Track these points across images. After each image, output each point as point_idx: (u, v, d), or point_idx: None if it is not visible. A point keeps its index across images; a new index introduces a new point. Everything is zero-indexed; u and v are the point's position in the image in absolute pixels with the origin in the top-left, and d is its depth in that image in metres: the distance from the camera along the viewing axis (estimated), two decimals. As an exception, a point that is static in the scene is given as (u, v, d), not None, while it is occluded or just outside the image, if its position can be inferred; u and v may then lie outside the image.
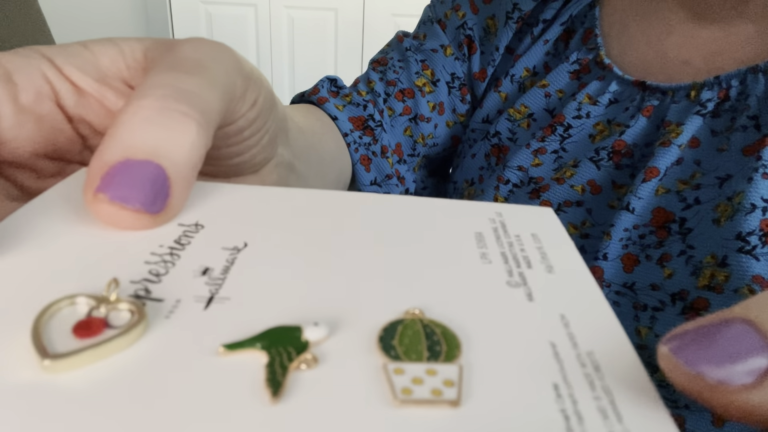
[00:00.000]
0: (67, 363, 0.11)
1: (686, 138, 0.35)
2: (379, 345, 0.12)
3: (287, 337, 0.12)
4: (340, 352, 0.12)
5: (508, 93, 0.46)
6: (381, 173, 0.46)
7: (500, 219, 0.18)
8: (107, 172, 0.14)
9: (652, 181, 0.35)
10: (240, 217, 0.16)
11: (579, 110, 0.40)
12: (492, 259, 0.15)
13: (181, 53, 0.17)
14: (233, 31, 2.37)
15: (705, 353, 0.11)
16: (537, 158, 0.41)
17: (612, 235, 0.35)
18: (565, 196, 0.39)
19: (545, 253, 0.16)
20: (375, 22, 2.35)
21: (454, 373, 0.11)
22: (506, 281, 0.14)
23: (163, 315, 0.12)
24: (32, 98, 0.18)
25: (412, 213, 0.17)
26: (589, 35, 0.42)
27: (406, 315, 0.13)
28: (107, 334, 0.11)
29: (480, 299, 0.14)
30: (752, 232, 0.30)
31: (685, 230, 0.33)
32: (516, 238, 0.16)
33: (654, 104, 0.37)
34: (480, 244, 0.16)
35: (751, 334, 0.11)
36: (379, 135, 0.45)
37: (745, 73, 0.34)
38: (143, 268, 0.14)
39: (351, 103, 0.45)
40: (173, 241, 0.15)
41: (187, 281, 0.13)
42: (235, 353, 0.11)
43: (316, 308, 0.13)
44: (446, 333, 0.12)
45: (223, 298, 0.13)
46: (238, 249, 0.15)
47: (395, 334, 0.12)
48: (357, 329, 0.12)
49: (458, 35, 0.47)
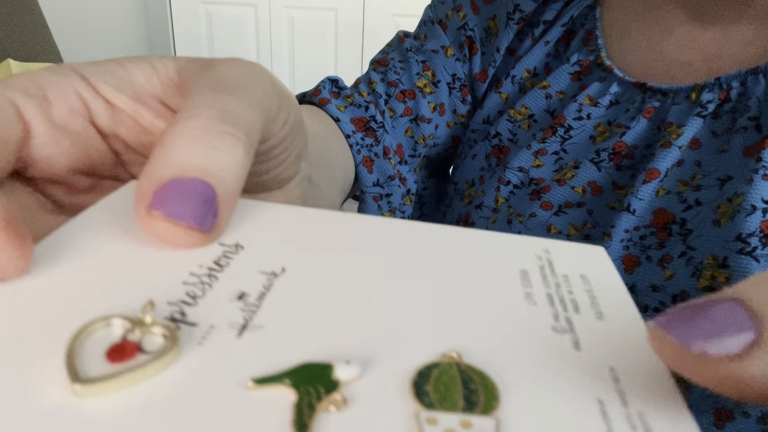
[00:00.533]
0: (98, 388, 0.11)
1: (687, 139, 0.35)
2: (413, 390, 0.11)
3: (318, 374, 0.11)
4: (371, 395, 0.11)
5: (508, 94, 0.46)
6: (383, 174, 0.46)
7: (548, 256, 0.17)
8: (159, 189, 0.15)
9: (652, 183, 0.35)
10: (280, 240, 0.16)
11: (580, 111, 0.41)
12: (537, 300, 0.14)
13: (220, 73, 0.18)
14: (233, 31, 2.37)
15: (692, 327, 0.11)
16: (538, 159, 0.41)
17: (613, 236, 0.35)
18: (566, 197, 0.39)
19: (594, 296, 0.15)
20: (375, 22, 2.35)
21: (490, 427, 0.11)
22: (551, 326, 0.13)
23: (196, 341, 0.12)
24: (66, 115, 0.18)
25: (455, 244, 0.17)
26: (590, 36, 0.43)
27: (443, 358, 0.12)
28: (139, 360, 0.11)
29: (522, 345, 0.13)
30: (752, 233, 0.30)
31: (686, 231, 0.33)
32: (564, 278, 0.15)
33: (655, 106, 0.37)
34: (525, 283, 0.15)
35: (738, 310, 0.11)
36: (381, 136, 0.45)
37: (745, 75, 0.34)
38: (181, 289, 0.14)
39: (353, 104, 0.45)
40: (213, 262, 0.15)
41: (223, 305, 0.13)
42: (264, 388, 0.11)
43: (350, 344, 0.12)
44: (485, 381, 0.12)
45: (257, 326, 0.13)
46: (276, 274, 0.15)
47: (430, 378, 0.11)
48: (390, 370, 0.12)
49: (459, 36, 0.47)
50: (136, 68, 0.19)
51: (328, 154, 0.37)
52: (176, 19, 2.33)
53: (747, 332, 0.11)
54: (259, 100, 0.18)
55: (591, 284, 0.15)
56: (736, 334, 0.11)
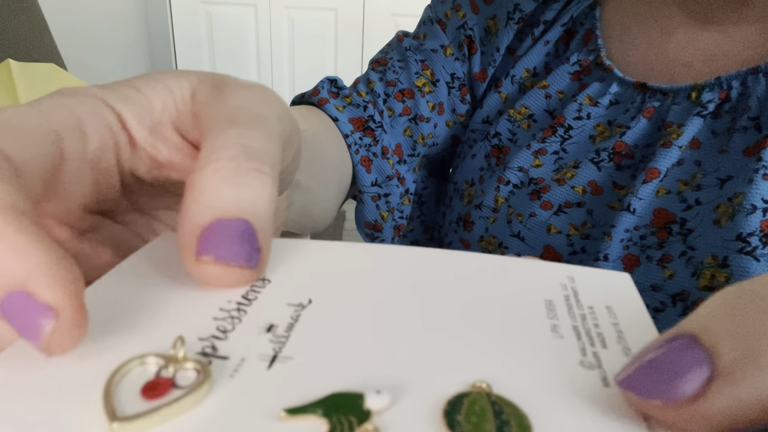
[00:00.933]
0: (135, 425, 0.11)
1: (687, 139, 0.35)
2: (444, 420, 0.11)
3: (349, 404, 0.11)
4: (403, 425, 0.11)
5: (508, 94, 0.46)
6: (382, 174, 0.46)
7: (572, 285, 0.16)
8: (203, 234, 0.15)
9: (652, 182, 0.35)
10: (306, 273, 0.17)
11: (579, 111, 0.41)
12: (563, 333, 0.14)
13: (235, 103, 0.18)
14: (233, 31, 2.37)
15: (648, 378, 0.11)
16: (537, 159, 0.41)
17: (613, 236, 0.35)
18: (566, 197, 0.39)
19: (621, 331, 0.15)
20: (375, 22, 2.35)
21: None
22: (579, 361, 0.13)
23: (227, 374, 0.12)
24: (98, 151, 0.18)
25: (480, 272, 0.17)
26: (590, 36, 0.43)
27: (473, 388, 0.12)
28: (174, 395, 0.12)
29: (551, 378, 0.13)
30: (753, 233, 0.30)
31: (686, 231, 0.33)
32: (589, 310, 0.15)
33: (655, 105, 0.37)
34: (551, 314, 0.15)
35: (692, 346, 0.11)
36: (379, 136, 0.45)
37: (745, 75, 0.34)
38: (212, 324, 0.14)
39: (351, 104, 0.45)
40: (241, 296, 0.15)
41: (252, 338, 0.14)
42: (296, 418, 0.11)
43: (380, 373, 0.12)
44: (517, 413, 0.11)
45: (286, 357, 0.13)
46: (303, 306, 0.15)
47: (461, 408, 0.11)
48: (421, 399, 0.12)
49: (458, 35, 0.47)
50: (153, 94, 0.19)
51: (322, 157, 0.37)
52: (176, 19, 2.33)
53: (703, 369, 0.11)
54: (276, 129, 0.18)
55: (617, 317, 0.15)
56: (691, 374, 0.11)
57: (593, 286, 0.16)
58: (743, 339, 0.11)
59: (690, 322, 0.11)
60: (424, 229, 0.54)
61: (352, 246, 0.18)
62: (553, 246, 0.38)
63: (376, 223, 0.47)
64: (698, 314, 0.12)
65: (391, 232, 0.49)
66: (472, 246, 0.43)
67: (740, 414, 0.10)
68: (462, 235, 0.44)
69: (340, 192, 0.42)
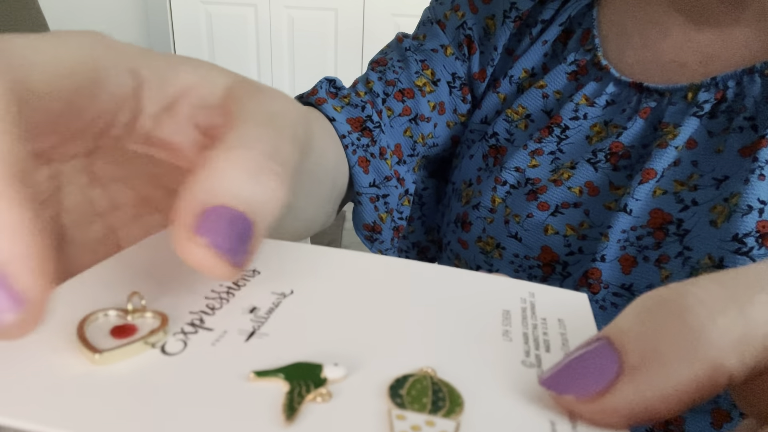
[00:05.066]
0: (114, 355, 0.13)
1: (683, 139, 0.35)
2: (389, 393, 0.13)
3: (309, 372, 0.13)
4: (353, 393, 0.13)
5: (506, 94, 0.46)
6: (380, 175, 0.46)
7: (531, 300, 0.18)
8: (206, 214, 0.14)
9: (649, 183, 0.35)
10: (292, 269, 0.18)
11: (576, 111, 0.41)
12: (513, 337, 0.16)
13: (272, 106, 0.18)
14: (233, 31, 2.37)
15: (564, 376, 0.13)
16: (534, 159, 0.41)
17: (610, 236, 0.35)
18: (563, 197, 0.39)
19: (567, 339, 0.16)
20: (375, 22, 2.35)
21: (450, 427, 0.12)
22: (521, 360, 0.15)
23: (210, 342, 0.14)
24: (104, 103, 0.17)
25: (449, 283, 0.18)
26: (587, 36, 0.43)
27: (420, 371, 0.14)
28: (140, 334, 0.14)
29: (492, 371, 0.14)
30: (749, 233, 0.30)
31: (683, 231, 0.33)
32: (542, 321, 0.17)
33: (651, 106, 0.37)
34: (506, 322, 0.17)
35: (606, 347, 0.12)
36: (377, 136, 0.45)
37: (741, 75, 0.34)
38: (202, 301, 0.16)
39: (349, 104, 0.45)
40: (232, 282, 0.17)
41: (236, 316, 0.16)
42: (262, 380, 0.13)
43: (341, 353, 0.14)
44: (452, 392, 0.13)
45: (263, 334, 0.15)
46: (285, 295, 0.17)
47: (405, 385, 0.13)
48: (372, 376, 0.14)
49: (458, 35, 0.47)
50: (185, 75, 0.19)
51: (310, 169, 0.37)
52: (176, 19, 2.33)
53: (612, 367, 0.12)
54: (299, 138, 0.18)
55: (566, 328, 0.17)
56: (601, 372, 0.12)
57: (551, 301, 0.18)
58: (648, 340, 0.12)
59: (608, 327, 0.13)
60: (425, 230, 0.53)
61: (340, 252, 0.20)
62: (550, 246, 0.39)
63: (375, 225, 0.47)
64: (616, 320, 0.13)
65: (390, 233, 0.49)
66: (469, 246, 0.43)
67: (644, 407, 0.12)
68: (460, 235, 0.44)
69: (332, 200, 0.41)
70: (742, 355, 0.11)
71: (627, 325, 0.12)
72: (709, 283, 0.12)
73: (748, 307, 0.12)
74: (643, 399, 0.12)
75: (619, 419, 0.12)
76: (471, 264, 0.43)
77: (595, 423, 0.12)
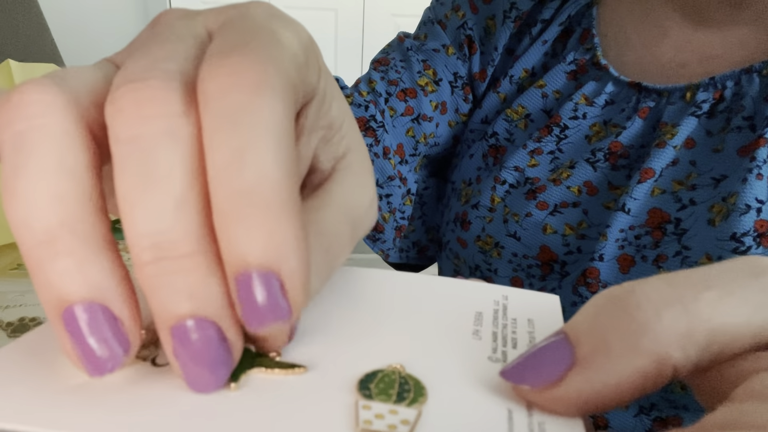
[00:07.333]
0: None
1: (681, 139, 0.35)
2: (358, 386, 0.14)
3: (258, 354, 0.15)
4: (325, 388, 0.14)
5: (506, 94, 0.46)
6: (383, 175, 0.46)
7: (504, 302, 0.19)
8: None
9: (647, 182, 0.35)
10: None
11: (575, 111, 0.41)
12: (483, 336, 0.17)
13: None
14: (233, 31, 2.36)
15: (523, 368, 0.14)
16: (533, 159, 0.41)
17: (608, 235, 0.35)
18: (562, 197, 0.39)
19: (534, 337, 0.17)
20: (375, 22, 2.35)
21: (412, 415, 0.13)
22: (488, 356, 0.16)
23: None
24: None
25: (427, 288, 0.20)
26: (587, 35, 0.43)
27: (389, 367, 0.15)
28: None
29: (458, 366, 0.15)
30: (747, 232, 0.31)
31: (681, 231, 0.33)
32: (512, 321, 0.18)
33: (650, 105, 0.38)
34: (477, 322, 0.18)
35: (563, 342, 0.13)
36: (380, 136, 0.45)
37: (739, 74, 0.35)
38: None
39: (352, 103, 0.45)
40: None
41: None
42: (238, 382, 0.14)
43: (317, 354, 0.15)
44: (417, 385, 0.14)
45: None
46: None
47: (374, 379, 0.14)
48: (345, 373, 0.15)
49: (458, 35, 0.48)
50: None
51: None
52: (176, 19, 2.32)
53: (565, 359, 0.13)
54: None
55: (535, 327, 0.17)
56: (554, 363, 0.13)
57: (523, 303, 0.19)
58: (599, 334, 0.13)
59: (567, 323, 0.14)
60: (425, 229, 0.54)
61: None
62: (548, 246, 0.39)
63: (378, 225, 0.47)
64: (574, 316, 0.14)
65: (392, 233, 0.49)
66: (468, 245, 0.43)
67: (594, 396, 0.12)
68: (459, 234, 0.44)
69: None
70: (685, 348, 0.12)
71: (581, 322, 0.13)
72: (658, 281, 0.13)
73: (693, 304, 0.12)
74: (593, 389, 0.12)
75: (571, 407, 0.13)
76: (470, 263, 0.43)
77: (549, 411, 0.13)
